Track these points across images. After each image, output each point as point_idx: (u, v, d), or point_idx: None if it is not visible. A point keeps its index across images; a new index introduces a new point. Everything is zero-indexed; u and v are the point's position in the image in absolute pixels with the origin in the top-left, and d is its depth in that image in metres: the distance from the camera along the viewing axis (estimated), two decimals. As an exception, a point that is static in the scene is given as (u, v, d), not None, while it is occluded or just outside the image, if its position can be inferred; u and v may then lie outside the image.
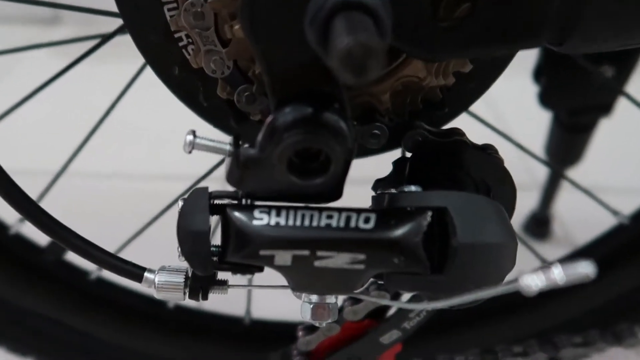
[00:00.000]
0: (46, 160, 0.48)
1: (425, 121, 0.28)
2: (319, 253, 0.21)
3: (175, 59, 0.28)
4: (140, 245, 0.43)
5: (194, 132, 0.22)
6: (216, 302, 0.50)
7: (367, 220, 0.21)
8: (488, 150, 0.27)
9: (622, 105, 0.52)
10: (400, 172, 0.27)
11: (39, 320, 0.43)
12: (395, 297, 0.34)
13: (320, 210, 0.21)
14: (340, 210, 0.21)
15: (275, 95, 0.20)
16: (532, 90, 0.54)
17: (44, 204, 0.28)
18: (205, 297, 0.25)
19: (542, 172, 0.67)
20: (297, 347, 0.37)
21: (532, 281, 0.16)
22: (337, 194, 0.22)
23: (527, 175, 0.75)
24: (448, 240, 0.21)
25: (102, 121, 0.42)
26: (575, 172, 0.59)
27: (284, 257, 0.21)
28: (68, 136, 0.47)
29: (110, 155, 0.77)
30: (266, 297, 0.48)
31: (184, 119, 0.31)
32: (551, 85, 0.48)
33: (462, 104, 0.30)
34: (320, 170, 0.20)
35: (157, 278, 0.25)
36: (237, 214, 0.21)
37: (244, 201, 0.22)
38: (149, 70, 0.30)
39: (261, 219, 0.21)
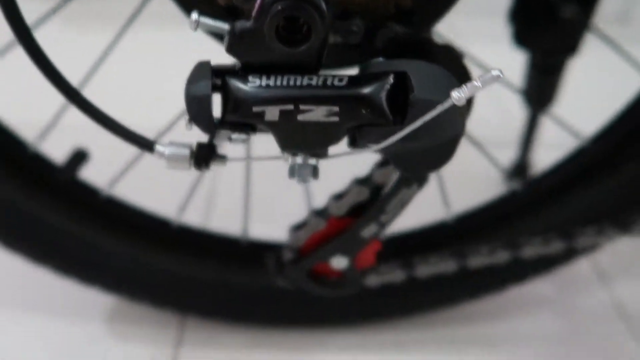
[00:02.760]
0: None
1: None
2: (302, 107, 0.25)
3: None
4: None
5: (198, 13, 0.26)
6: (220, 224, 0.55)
7: (340, 80, 0.25)
8: (446, 45, 0.31)
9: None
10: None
11: (55, 232, 0.48)
12: (376, 190, 0.38)
13: (303, 73, 0.26)
14: (317, 75, 0.26)
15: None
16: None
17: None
18: (207, 167, 0.30)
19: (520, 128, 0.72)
20: (289, 244, 0.42)
21: (460, 93, 0.20)
22: (318, 65, 0.26)
23: (508, 132, 0.80)
24: (407, 97, 0.25)
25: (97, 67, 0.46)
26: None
27: (273, 112, 0.25)
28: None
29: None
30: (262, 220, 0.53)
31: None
32: (524, 25, 0.52)
33: (432, 14, 0.34)
34: (302, 39, 0.25)
35: (167, 150, 0.30)
36: (234, 79, 0.26)
37: (243, 71, 0.27)
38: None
39: (254, 82, 0.26)
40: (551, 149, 0.64)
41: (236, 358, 0.54)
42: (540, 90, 0.60)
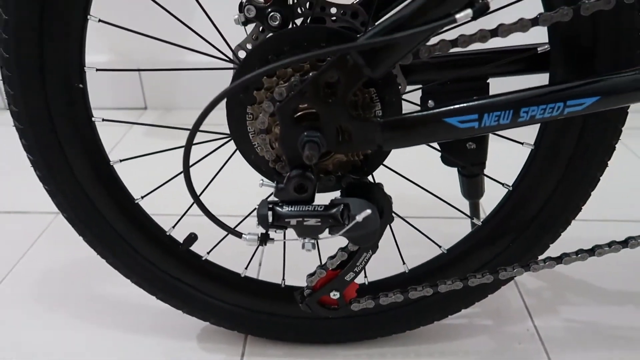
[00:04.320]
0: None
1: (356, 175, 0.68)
2: (305, 219, 0.60)
3: (252, 151, 0.69)
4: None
5: (262, 180, 0.63)
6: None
7: (320, 207, 0.61)
8: (378, 184, 0.67)
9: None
10: (343, 195, 0.67)
11: (175, 281, 0.84)
12: (351, 254, 0.72)
13: (305, 204, 0.61)
14: (312, 205, 0.61)
15: (289, 165, 0.61)
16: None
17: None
18: (265, 244, 0.65)
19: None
20: (306, 285, 0.76)
21: (360, 217, 0.55)
22: (312, 199, 0.62)
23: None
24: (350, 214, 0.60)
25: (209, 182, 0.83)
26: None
27: (293, 221, 0.61)
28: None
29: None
30: (298, 273, 0.87)
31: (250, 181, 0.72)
32: (447, 153, 0.86)
33: (372, 166, 0.69)
34: (305, 191, 0.61)
35: (248, 237, 0.65)
36: (277, 207, 0.62)
37: (281, 204, 0.62)
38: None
39: (286, 209, 0.61)
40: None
41: (278, 363, 0.87)
42: (469, 189, 0.93)
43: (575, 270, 1.06)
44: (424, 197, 0.86)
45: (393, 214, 0.69)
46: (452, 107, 0.58)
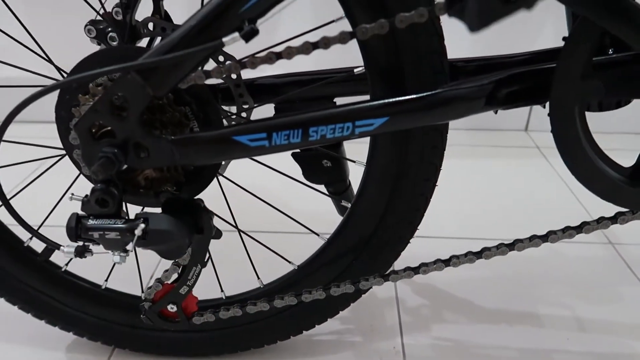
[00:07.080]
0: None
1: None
2: (106, 233, 0.62)
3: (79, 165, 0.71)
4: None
5: (72, 194, 0.64)
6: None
7: (122, 221, 0.62)
8: (197, 199, 0.68)
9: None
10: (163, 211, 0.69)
11: (32, 291, 0.85)
12: (183, 268, 0.74)
13: (111, 218, 0.63)
14: (114, 219, 0.63)
15: (94, 180, 0.63)
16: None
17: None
18: (82, 257, 0.67)
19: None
20: (145, 296, 0.77)
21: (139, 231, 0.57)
22: (118, 214, 0.63)
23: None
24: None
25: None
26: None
27: (96, 234, 0.62)
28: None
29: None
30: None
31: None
32: (306, 171, 0.87)
33: (199, 184, 0.71)
34: (107, 205, 0.62)
35: (66, 249, 0.67)
36: (84, 220, 0.63)
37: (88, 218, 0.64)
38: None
39: (91, 222, 0.63)
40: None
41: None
42: (339, 207, 0.94)
43: (458, 289, 1.07)
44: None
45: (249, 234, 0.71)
46: (241, 126, 0.60)
